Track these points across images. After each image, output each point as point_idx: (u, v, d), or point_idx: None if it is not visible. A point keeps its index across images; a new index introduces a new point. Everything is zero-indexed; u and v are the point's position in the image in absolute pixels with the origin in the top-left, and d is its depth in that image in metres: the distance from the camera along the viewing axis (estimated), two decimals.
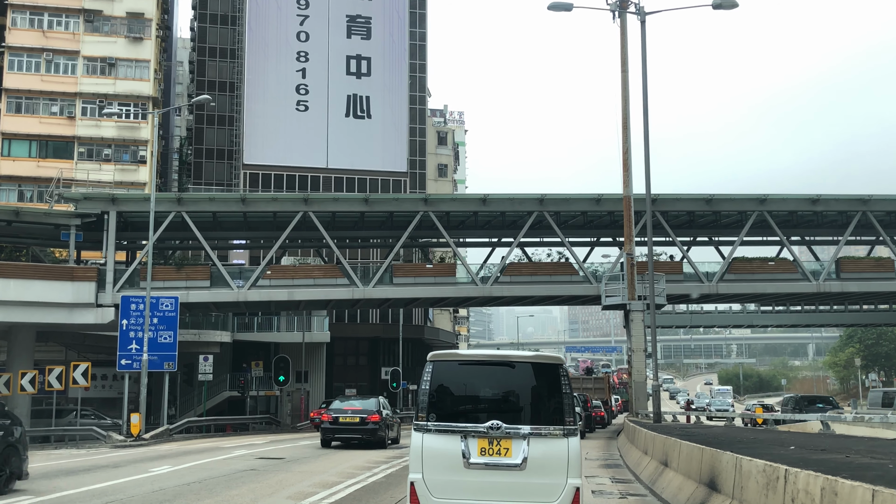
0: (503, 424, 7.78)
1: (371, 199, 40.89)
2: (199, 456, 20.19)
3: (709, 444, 11.16)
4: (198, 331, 49.96)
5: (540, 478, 7.71)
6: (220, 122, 69.65)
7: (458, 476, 7.74)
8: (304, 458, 19.56)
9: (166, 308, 34.42)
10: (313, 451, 22.63)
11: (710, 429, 20.54)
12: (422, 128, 73.39)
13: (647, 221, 26.94)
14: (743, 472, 8.36)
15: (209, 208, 40.43)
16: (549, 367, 8.10)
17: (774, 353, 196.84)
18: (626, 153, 36.59)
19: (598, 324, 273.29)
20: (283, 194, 46.41)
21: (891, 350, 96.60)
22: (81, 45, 58.40)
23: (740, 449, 10.02)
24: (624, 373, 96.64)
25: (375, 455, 21.14)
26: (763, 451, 9.71)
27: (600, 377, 54.78)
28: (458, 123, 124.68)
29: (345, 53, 65.64)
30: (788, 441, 12.79)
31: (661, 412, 24.70)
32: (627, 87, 37.50)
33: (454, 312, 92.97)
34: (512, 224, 43.62)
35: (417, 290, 41.49)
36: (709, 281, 41.79)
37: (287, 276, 40.74)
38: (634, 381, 34.04)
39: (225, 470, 16.24)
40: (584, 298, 43.06)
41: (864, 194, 42.11)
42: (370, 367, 63.73)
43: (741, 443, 11.98)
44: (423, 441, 7.88)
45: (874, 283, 42.43)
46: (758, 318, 58.10)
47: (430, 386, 8.09)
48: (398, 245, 41.19)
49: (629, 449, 21.07)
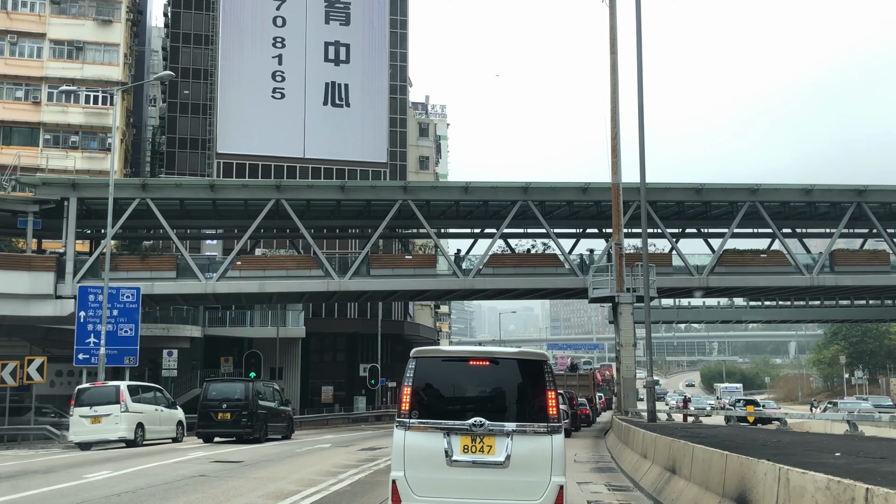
0: (486, 421, 7.65)
1: (347, 187, 38.94)
2: (150, 459, 18.23)
3: (728, 449, 9.40)
4: (166, 325, 47.80)
5: (523, 475, 7.60)
6: (193, 111, 67.37)
7: (441, 474, 7.63)
8: (266, 462, 17.65)
9: (127, 299, 32.34)
10: (279, 452, 20.73)
11: (715, 429, 18.80)
12: (403, 118, 71.43)
13: (642, 206, 25.23)
14: (792, 489, 6.56)
15: (176, 195, 38.37)
16: (533, 363, 7.96)
17: (755, 350, 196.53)
18: (614, 138, 34.94)
19: (579, 321, 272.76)
20: (255, 181, 44.36)
21: (875, 347, 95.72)
22: (48, 28, 56.06)
23: (774, 456, 8.25)
24: (606, 369, 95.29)
25: (345, 457, 19.27)
26: (804, 460, 7.93)
27: (585, 374, 53.07)
28: (440, 117, 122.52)
29: (323, 39, 63.51)
30: (823, 445, 11.03)
31: (655, 410, 22.98)
32: (617, 70, 35.89)
33: (435, 308, 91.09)
34: (495, 214, 41.89)
35: (396, 283, 39.60)
36: (699, 274, 40.22)
37: (258, 267, 38.74)
38: (623, 378, 32.35)
39: (169, 476, 14.31)
40: (570, 291, 41.37)
41: (860, 184, 40.70)
42: (348, 363, 61.76)
43: (767, 447, 10.22)
44: (406, 439, 7.75)
45: (869, 277, 41.04)
46: (746, 313, 56.72)
47: (413, 382, 7.91)
48: (375, 235, 39.31)
49: (623, 451, 19.31)
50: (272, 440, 26.08)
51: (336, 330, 62.06)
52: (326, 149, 61.94)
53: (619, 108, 34.68)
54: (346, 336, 62.61)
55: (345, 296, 43.21)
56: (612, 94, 35.68)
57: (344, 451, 21.71)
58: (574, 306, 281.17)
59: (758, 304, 55.73)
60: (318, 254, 39.02)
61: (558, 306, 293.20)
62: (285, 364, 54.10)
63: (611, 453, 22.35)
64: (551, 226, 40.20)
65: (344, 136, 62.53)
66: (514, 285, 40.16)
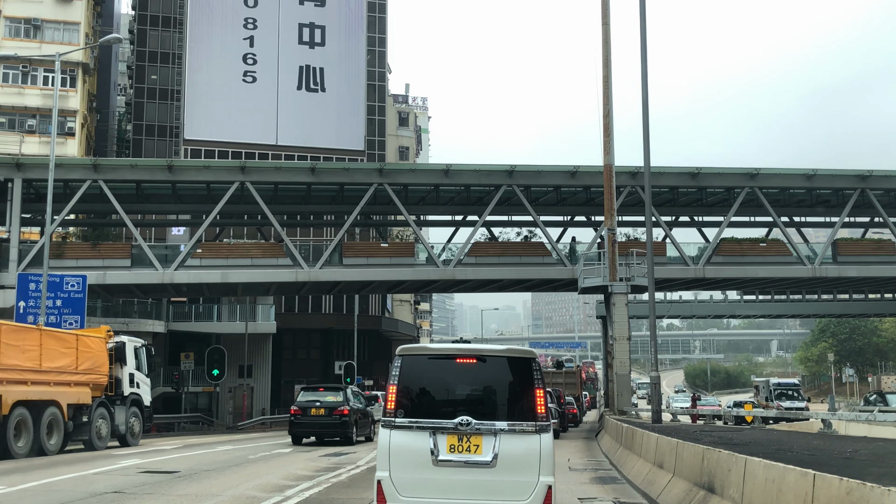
0: (473, 420, 7.55)
1: (318, 169, 36.08)
2: (70, 468, 15.38)
3: (796, 463, 6.75)
4: (126, 319, 44.75)
5: (511, 475, 7.48)
6: (162, 97, 64.23)
7: (427, 474, 7.51)
8: (205, 472, 14.83)
9: (72, 288, 29.30)
10: (227, 460, 17.89)
11: (739, 432, 16.14)
12: (381, 106, 68.60)
13: (646, 184, 22.59)
14: None
15: (131, 177, 35.34)
16: (521, 361, 7.86)
17: (737, 349, 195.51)
18: (607, 116, 32.38)
19: (561, 320, 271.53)
20: (217, 162, 41.25)
21: (864, 345, 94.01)
22: (3, 5, 52.78)
23: (880, 477, 5.58)
24: (588, 367, 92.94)
25: (303, 466, 16.48)
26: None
27: (572, 371, 50.49)
28: (421, 110, 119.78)
29: (297, 21, 60.46)
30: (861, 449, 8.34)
31: (661, 410, 20.31)
32: (609, 43, 33.32)
33: (415, 304, 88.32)
34: (478, 201, 39.21)
35: (371, 273, 36.79)
36: (695, 264, 37.73)
37: (221, 255, 35.82)
38: (617, 374, 29.72)
39: (78, 492, 11.51)
40: (558, 282, 38.74)
41: (864, 170, 38.32)
42: (322, 360, 58.77)
43: (854, 461, 7.54)
44: (391, 438, 7.60)
45: (874, 268, 38.69)
46: (740, 307, 54.23)
47: (399, 381, 7.73)
48: (349, 221, 36.48)
49: (626, 457, 16.64)
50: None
51: (310, 325, 59.10)
52: (300, 135, 58.92)
53: (611, 80, 32.04)
54: (320, 332, 59.65)
55: (316, 287, 40.35)
56: (604, 69, 33.09)
57: (304, 457, 18.90)
58: (556, 305, 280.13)
59: (752, 298, 53.34)
60: (286, 241, 36.14)
61: (540, 305, 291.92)
62: (255, 361, 51.10)
63: (609, 459, 19.68)
64: (538, 213, 37.57)
65: (319, 123, 59.56)
66: (497, 275, 37.47)
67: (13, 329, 19.39)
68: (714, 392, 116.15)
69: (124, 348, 24.02)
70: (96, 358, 22.34)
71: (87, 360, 21.85)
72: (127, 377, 24.07)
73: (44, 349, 19.85)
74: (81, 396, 21.41)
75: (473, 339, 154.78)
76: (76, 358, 21.28)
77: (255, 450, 21.32)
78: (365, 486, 12.83)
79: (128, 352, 24.21)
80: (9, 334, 18.71)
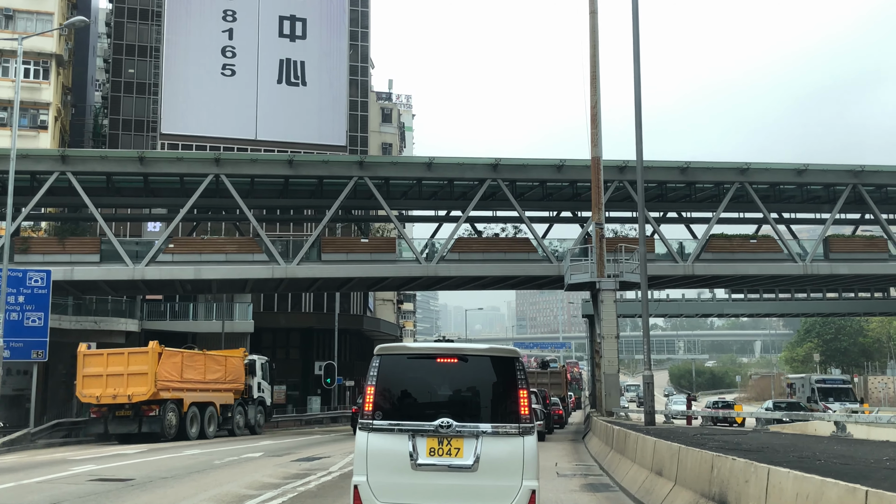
0: (454, 422, 7.26)
1: (296, 162, 34.81)
2: (18, 475, 14.11)
3: (827, 474, 5.65)
4: (97, 318, 43.19)
5: (493, 479, 7.21)
6: (139, 91, 62.75)
7: (405, 478, 7.21)
8: (162, 480, 13.59)
9: (35, 284, 27.83)
10: (189, 466, 16.65)
11: (744, 436, 15.02)
12: (364, 101, 67.27)
13: (638, 178, 21.52)
14: None
15: (101, 169, 34.00)
16: (505, 360, 7.57)
17: (721, 349, 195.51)
18: (594, 106, 31.30)
19: (545, 320, 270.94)
20: (190, 153, 39.78)
21: (849, 345, 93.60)
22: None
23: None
24: (573, 367, 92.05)
25: (271, 472, 15.25)
26: None
27: (557, 371, 49.34)
28: (405, 108, 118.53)
29: (277, 13, 59.05)
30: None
31: (654, 411, 19.21)
32: (597, 32, 32.27)
33: (398, 304, 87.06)
34: (462, 196, 38.10)
35: (351, 269, 35.56)
36: (684, 261, 36.76)
37: (194, 250, 34.47)
38: (605, 374, 28.62)
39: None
40: (544, 279, 37.65)
41: (856, 165, 37.51)
42: (302, 360, 57.37)
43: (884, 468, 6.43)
44: (369, 441, 7.30)
45: (865, 265, 37.86)
46: (728, 306, 53.33)
47: (377, 381, 7.42)
48: (328, 216, 35.28)
49: (618, 461, 15.53)
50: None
51: (289, 325, 57.69)
52: (280, 130, 57.51)
53: (598, 69, 30.99)
54: (300, 331, 58.27)
55: (294, 284, 39.06)
56: (591, 58, 32.02)
57: (274, 462, 17.66)
58: (540, 305, 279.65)
59: (739, 297, 52.45)
60: (262, 236, 34.85)
61: (524, 306, 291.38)
62: None
63: (598, 463, 18.59)
64: (523, 208, 36.47)
65: (299, 117, 58.18)
66: (482, 272, 36.33)
67: (189, 355, 28.98)
68: (700, 392, 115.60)
69: (254, 364, 33.63)
70: (237, 372, 31.63)
71: (231, 374, 31.14)
72: (256, 385, 33.74)
73: (206, 367, 29.40)
74: (227, 399, 30.88)
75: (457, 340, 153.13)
76: (225, 372, 30.82)
77: (224, 454, 20.03)
78: (335, 496, 11.67)
79: (257, 366, 33.77)
80: (188, 359, 28.59)
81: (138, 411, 26.31)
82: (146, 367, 26.28)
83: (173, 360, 27.50)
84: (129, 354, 27.14)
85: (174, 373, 27.39)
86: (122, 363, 26.63)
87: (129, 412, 26.39)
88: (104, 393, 26.37)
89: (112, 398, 26.29)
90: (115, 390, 26.30)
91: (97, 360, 27.17)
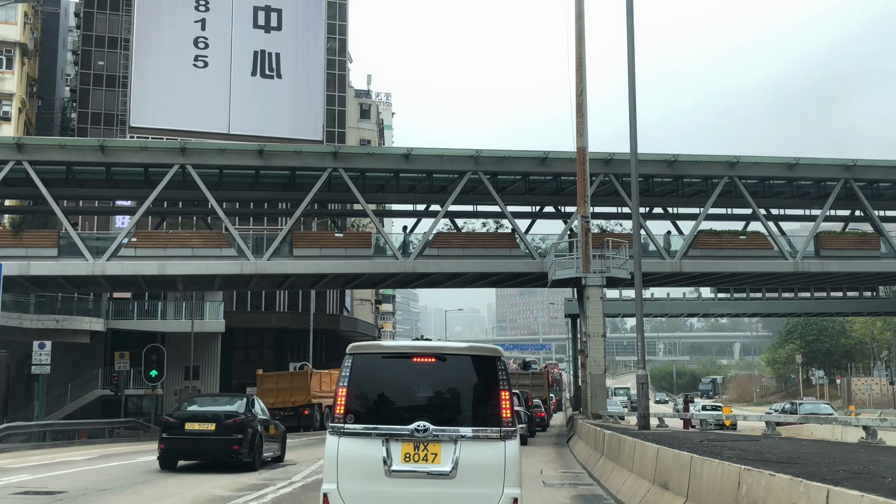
0: (431, 426, 6.87)
1: (267, 152, 33.11)
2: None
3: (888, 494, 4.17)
4: (59, 316, 41.31)
5: (472, 487, 6.81)
6: (109, 83, 60.70)
7: (379, 486, 6.82)
8: (98, 494, 11.96)
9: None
10: (137, 474, 15.00)
11: (757, 442, 13.56)
12: (342, 96, 65.65)
13: (632, 167, 20.09)
14: None
15: (60, 158, 32.16)
16: (486, 359, 7.13)
17: (700, 351, 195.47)
18: (580, 95, 29.96)
19: (525, 322, 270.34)
20: (155, 142, 37.99)
21: (832, 346, 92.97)
22: None
23: None
24: (553, 368, 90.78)
25: (225, 484, 13.64)
26: None
27: (539, 372, 48.03)
28: (385, 105, 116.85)
29: (252, 3, 57.22)
30: None
31: (649, 414, 17.76)
32: (583, 18, 30.91)
33: (376, 304, 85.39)
34: (441, 189, 36.62)
35: (324, 265, 33.92)
36: (671, 258, 35.45)
37: (158, 244, 32.67)
38: (591, 374, 27.20)
39: None
40: (527, 276, 36.16)
41: (848, 159, 36.38)
42: (276, 361, 55.54)
43: None
44: (339, 446, 6.91)
45: (858, 263, 36.73)
46: (715, 305, 52.21)
47: (349, 382, 7.00)
48: (300, 209, 33.63)
49: (611, 470, 14.06)
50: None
51: (263, 325, 55.92)
52: (254, 123, 55.67)
53: (584, 57, 29.62)
54: (274, 331, 56.50)
55: (265, 280, 37.36)
56: (577, 46, 30.68)
57: (231, 471, 16.04)
58: (520, 307, 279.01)
59: (725, 296, 51.30)
60: (230, 230, 33.14)
61: (505, 307, 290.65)
62: (202, 362, 47.84)
63: (587, 470, 17.12)
64: (505, 203, 35.02)
65: (274, 110, 56.42)
66: (462, 268, 34.82)
67: (324, 374, 39.99)
68: (680, 394, 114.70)
69: None
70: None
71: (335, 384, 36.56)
72: None
73: (331, 380, 38.13)
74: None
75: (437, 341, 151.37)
76: (331, 383, 37.73)
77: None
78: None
79: None
80: (323, 376, 39.58)
81: (297, 412, 37.41)
82: (303, 383, 38.02)
83: (316, 378, 38.84)
84: (291, 376, 39.86)
85: (317, 386, 38.38)
86: (288, 381, 38.90)
87: (290, 413, 36.80)
88: (276, 401, 36.10)
89: (282, 403, 36.78)
90: (283, 399, 37.45)
91: (270, 379, 39.17)
